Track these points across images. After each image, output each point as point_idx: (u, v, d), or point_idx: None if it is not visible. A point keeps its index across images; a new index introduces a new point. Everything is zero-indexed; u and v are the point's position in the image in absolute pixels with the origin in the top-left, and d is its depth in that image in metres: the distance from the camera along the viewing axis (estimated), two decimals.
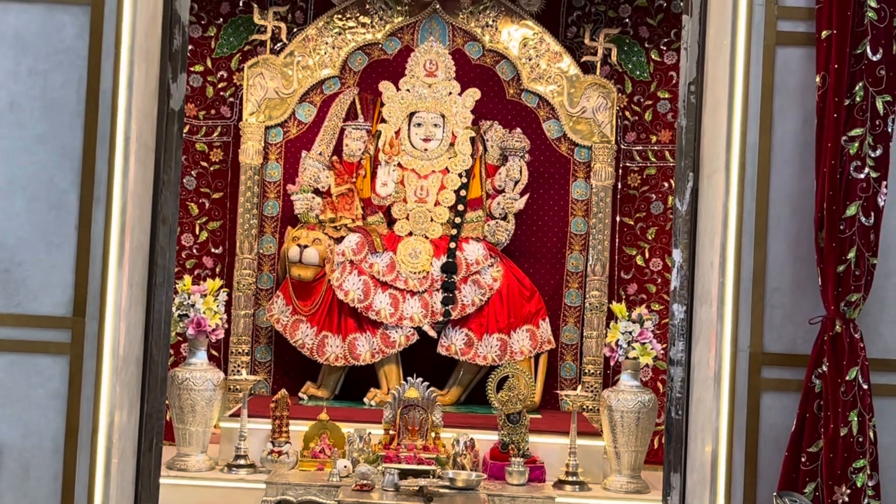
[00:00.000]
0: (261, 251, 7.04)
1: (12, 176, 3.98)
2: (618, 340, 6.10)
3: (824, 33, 3.96)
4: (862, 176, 3.93)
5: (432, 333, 6.77)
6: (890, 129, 3.95)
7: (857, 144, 3.97)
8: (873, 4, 3.87)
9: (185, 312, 6.08)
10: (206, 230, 7.22)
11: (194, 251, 7.22)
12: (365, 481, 5.35)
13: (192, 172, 7.11)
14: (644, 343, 6.06)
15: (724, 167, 4.20)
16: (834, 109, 3.97)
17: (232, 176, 7.16)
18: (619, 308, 6.24)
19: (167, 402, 5.43)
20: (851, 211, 3.95)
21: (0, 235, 4.02)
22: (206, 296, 6.11)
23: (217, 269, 7.19)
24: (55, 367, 4.00)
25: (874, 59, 3.93)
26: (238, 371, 6.76)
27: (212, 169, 7.25)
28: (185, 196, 7.04)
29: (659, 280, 7.16)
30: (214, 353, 6.71)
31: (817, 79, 4.02)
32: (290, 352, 6.85)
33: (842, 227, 3.95)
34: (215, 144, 7.26)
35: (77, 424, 3.98)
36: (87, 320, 4.03)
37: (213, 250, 7.23)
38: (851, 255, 3.95)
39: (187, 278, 6.33)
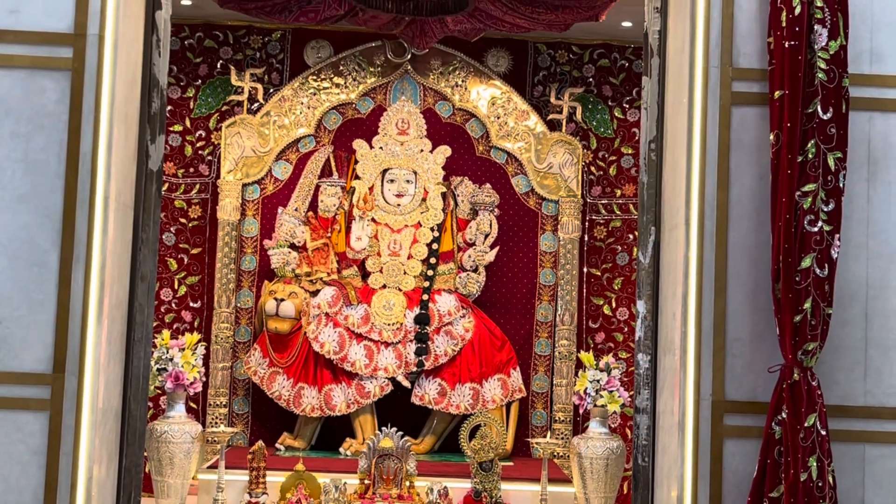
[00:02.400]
0: (238, 305, 6.98)
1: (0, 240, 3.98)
2: (586, 388, 5.98)
3: (777, 93, 4.02)
4: (816, 229, 3.95)
5: (406, 384, 6.66)
6: (841, 185, 4.00)
7: (810, 199, 3.98)
8: (822, 66, 3.95)
9: (163, 366, 5.91)
10: (184, 285, 7.15)
11: (173, 305, 7.13)
12: None
13: (171, 229, 7.03)
14: (612, 391, 5.94)
15: (684, 221, 4.24)
16: (788, 166, 4.01)
17: (210, 232, 7.08)
18: (587, 357, 6.14)
19: (146, 454, 5.40)
20: (806, 263, 3.95)
21: None
22: (184, 350, 5.98)
23: (195, 323, 7.10)
24: (35, 423, 3.95)
25: (825, 117, 3.97)
26: (216, 423, 6.64)
27: (190, 225, 7.16)
28: (164, 252, 6.92)
29: (626, 329, 7.12)
30: (193, 405, 6.64)
31: (771, 137, 4.06)
32: (267, 403, 6.74)
33: (797, 279, 3.96)
34: (194, 201, 7.19)
35: (56, 479, 3.91)
36: (67, 376, 3.97)
37: (191, 304, 7.15)
38: (807, 305, 3.94)
39: (166, 332, 6.15)
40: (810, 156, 4.00)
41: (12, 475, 3.95)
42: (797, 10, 4.03)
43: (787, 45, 4.05)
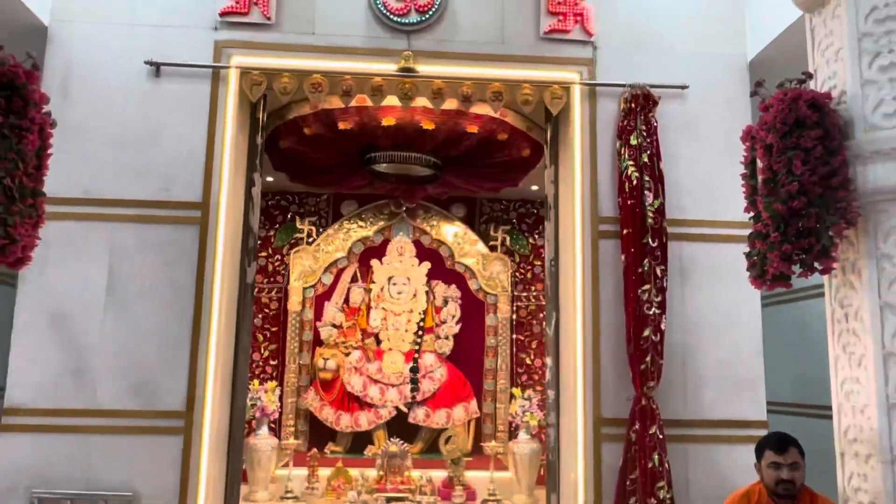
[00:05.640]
0: (300, 362, 7.42)
1: (151, 328, 4.64)
2: (517, 411, 6.63)
3: (625, 231, 4.68)
4: (651, 313, 4.55)
5: (405, 410, 7.16)
6: (665, 285, 4.65)
7: (646, 294, 4.58)
8: (650, 215, 4.71)
9: (254, 402, 6.42)
10: (267, 350, 7.70)
11: (260, 364, 7.67)
12: None
13: (259, 315, 7.64)
14: (532, 412, 6.59)
15: (573, 308, 4.88)
16: (632, 274, 4.63)
17: (283, 317, 7.64)
18: (517, 391, 6.80)
19: (243, 459, 5.70)
20: (646, 333, 4.53)
21: (145, 364, 4.61)
22: (267, 392, 6.56)
23: (274, 374, 7.58)
24: (173, 443, 4.54)
25: (653, 245, 4.63)
26: (287, 437, 7.01)
27: (271, 313, 7.80)
28: (255, 330, 7.42)
29: (539, 373, 7.66)
30: (272, 426, 6.73)
31: (622, 257, 4.70)
32: (318, 424, 7.20)
33: (641, 343, 4.53)
34: (273, 299, 7.81)
35: (187, 479, 4.50)
36: (195, 412, 4.53)
37: (271, 362, 7.69)
38: (648, 358, 4.52)
39: (256, 381, 6.71)
40: (646, 268, 4.58)
41: (162, 475, 4.49)
42: (634, 182, 4.70)
43: (629, 203, 4.68)
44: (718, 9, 5.24)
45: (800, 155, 3.13)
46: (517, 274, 8.08)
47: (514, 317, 7.89)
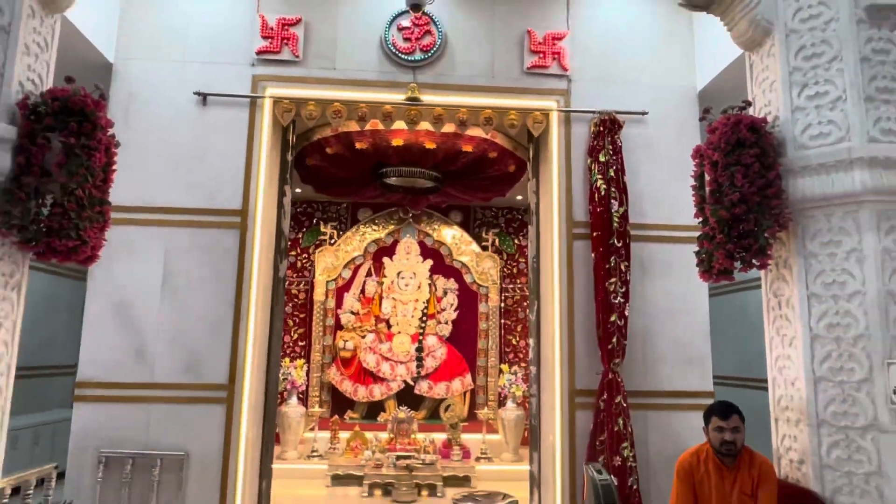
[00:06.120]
0: (324, 343, 7.65)
1: (199, 314, 4.61)
2: (505, 383, 7.03)
3: (595, 233, 4.68)
4: (616, 301, 4.57)
5: (411, 383, 7.43)
6: (628, 278, 4.64)
7: (613, 285, 4.60)
8: (616, 220, 4.67)
9: (285, 377, 6.79)
10: (296, 333, 7.91)
11: (290, 344, 7.85)
12: (379, 462, 6.07)
13: (289, 304, 7.85)
14: (517, 384, 6.97)
15: (551, 298, 4.88)
16: (601, 269, 4.63)
17: (309, 306, 7.88)
18: (505, 367, 7.23)
19: (277, 424, 6.00)
20: (613, 318, 4.54)
21: (195, 344, 4.57)
22: (296, 368, 6.89)
23: (302, 353, 7.80)
24: (218, 411, 4.51)
25: (618, 245, 4.63)
26: (313, 406, 7.31)
27: (299, 302, 7.96)
28: (286, 316, 7.65)
29: (524, 352, 7.94)
30: (301, 396, 7.11)
31: (593, 255, 4.70)
32: (339, 395, 7.48)
33: (608, 326, 4.54)
34: (301, 290, 7.96)
35: (230, 440, 4.50)
36: (236, 384, 4.50)
37: (299, 343, 7.89)
38: (614, 340, 4.54)
39: (286, 359, 7.14)
40: (612, 265, 4.58)
41: (207, 439, 4.50)
42: (602, 193, 4.70)
43: (598, 210, 4.68)
44: (672, 48, 5.26)
45: (741, 170, 3.14)
46: (505, 269, 8.13)
47: (503, 305, 7.96)
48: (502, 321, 7.89)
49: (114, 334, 4.54)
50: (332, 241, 7.84)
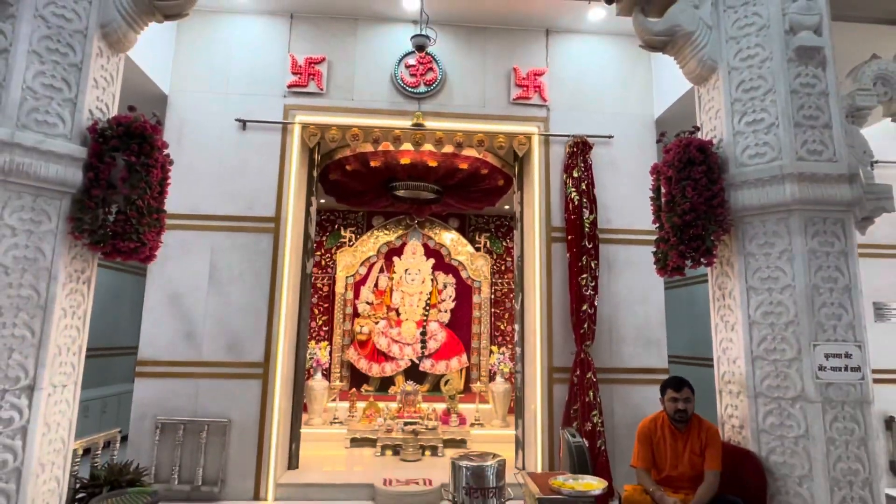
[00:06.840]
0: (344, 328, 7.45)
1: (240, 304, 4.62)
2: (495, 362, 6.86)
3: (569, 237, 4.73)
4: (588, 293, 4.62)
5: (417, 361, 7.24)
6: (598, 274, 4.68)
7: (584, 280, 4.65)
8: (587, 225, 4.70)
9: (312, 356, 6.61)
10: (321, 320, 7.74)
11: (315, 329, 7.70)
12: (389, 427, 5.97)
13: (315, 296, 7.70)
14: (505, 363, 6.76)
15: (534, 290, 4.79)
16: (575, 267, 4.68)
17: (332, 297, 7.69)
18: (494, 348, 7.15)
19: (305, 396, 5.97)
20: (584, 307, 4.60)
21: (237, 329, 4.57)
22: (321, 349, 6.72)
23: (325, 336, 7.61)
24: (256, 384, 4.54)
25: (589, 246, 4.70)
26: (335, 381, 7.13)
27: (323, 294, 7.79)
28: (312, 306, 7.48)
29: (510, 336, 7.77)
30: (325, 373, 7.05)
31: (567, 255, 4.75)
32: (356, 371, 7.29)
33: (581, 314, 4.59)
34: (325, 284, 7.81)
35: (265, 409, 4.53)
36: (270, 363, 4.54)
37: (323, 329, 7.71)
38: (585, 325, 4.59)
39: (312, 342, 7.00)
40: (584, 263, 4.63)
41: (246, 408, 4.53)
42: (575, 203, 4.74)
43: (572, 217, 4.74)
44: (634, 82, 5.27)
45: (691, 184, 3.13)
46: (494, 267, 8.07)
47: (493, 296, 7.87)
48: (492, 310, 7.84)
49: (168, 320, 4.53)
50: (351, 243, 7.79)
